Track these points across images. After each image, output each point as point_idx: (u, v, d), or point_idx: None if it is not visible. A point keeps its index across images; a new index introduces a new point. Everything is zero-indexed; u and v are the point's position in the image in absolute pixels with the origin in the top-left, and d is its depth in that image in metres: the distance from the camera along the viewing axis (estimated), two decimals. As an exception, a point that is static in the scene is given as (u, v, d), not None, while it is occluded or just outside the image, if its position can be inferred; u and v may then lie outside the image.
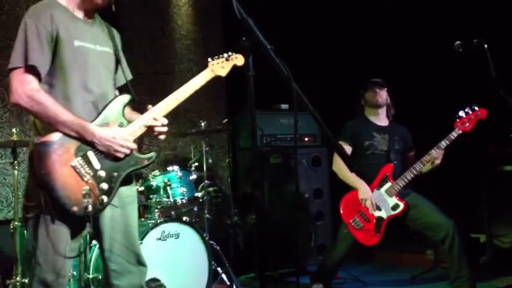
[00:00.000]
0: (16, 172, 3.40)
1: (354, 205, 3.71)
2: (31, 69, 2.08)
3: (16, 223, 3.36)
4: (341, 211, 3.73)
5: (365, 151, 3.84)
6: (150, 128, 2.27)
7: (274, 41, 1.82)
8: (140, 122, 2.25)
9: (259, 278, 1.82)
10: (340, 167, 3.81)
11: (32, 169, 2.06)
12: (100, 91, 2.24)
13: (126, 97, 2.28)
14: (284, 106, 5.09)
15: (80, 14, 2.25)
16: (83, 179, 2.08)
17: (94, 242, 3.32)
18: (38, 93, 2.07)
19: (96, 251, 3.35)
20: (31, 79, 2.08)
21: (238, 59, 2.51)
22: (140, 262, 2.30)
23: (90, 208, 2.06)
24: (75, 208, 2.05)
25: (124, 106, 2.26)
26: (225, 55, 2.49)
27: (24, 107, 2.08)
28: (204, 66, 2.48)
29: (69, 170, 2.06)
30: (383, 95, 3.89)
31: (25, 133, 4.11)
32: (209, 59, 2.48)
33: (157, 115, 2.27)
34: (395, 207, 3.67)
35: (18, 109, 4.13)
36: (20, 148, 3.72)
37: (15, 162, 3.39)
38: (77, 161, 2.09)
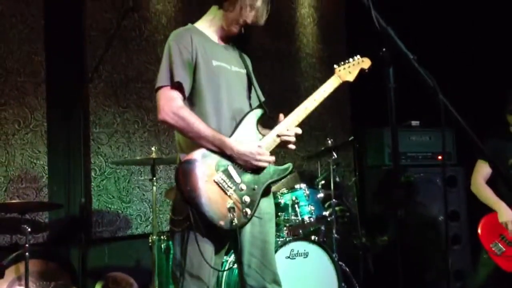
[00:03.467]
0: (154, 188, 3.58)
1: (494, 228, 3.41)
2: (177, 86, 2.19)
3: (154, 237, 3.53)
4: (480, 235, 3.44)
5: (510, 169, 3.51)
6: (283, 140, 2.29)
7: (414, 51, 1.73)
8: (274, 134, 2.28)
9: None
10: (479, 187, 3.54)
11: (178, 186, 2.13)
12: (238, 107, 2.31)
13: (259, 111, 2.33)
14: (415, 122, 4.87)
15: (215, 39, 2.37)
16: (226, 194, 2.14)
17: (225, 257, 3.38)
18: (182, 110, 2.17)
19: (227, 267, 3.41)
20: (176, 96, 2.19)
21: (365, 62, 2.49)
22: (276, 281, 2.29)
23: (235, 221, 2.10)
24: (222, 222, 2.10)
25: (258, 120, 2.31)
26: (351, 59, 2.48)
27: (171, 124, 2.18)
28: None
29: (213, 186, 2.13)
30: None
31: (162, 152, 4.36)
32: (335, 66, 2.49)
33: (289, 126, 2.30)
34: (543, 232, 3.32)
35: (156, 129, 4.40)
36: (158, 166, 3.94)
37: (154, 178, 3.58)
38: (219, 176, 2.15)
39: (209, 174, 2.14)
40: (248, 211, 2.16)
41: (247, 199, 2.17)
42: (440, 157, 4.77)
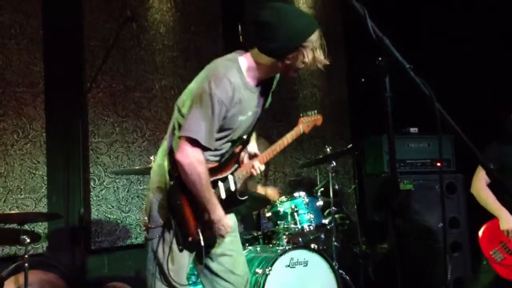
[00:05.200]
0: (153, 197, 3.57)
1: (495, 235, 3.39)
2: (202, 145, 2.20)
3: (154, 246, 3.53)
4: (480, 241, 3.42)
5: None
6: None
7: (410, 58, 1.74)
8: (247, 167, 2.48)
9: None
10: (480, 191, 3.50)
11: (169, 198, 2.26)
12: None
13: (245, 141, 2.46)
14: (413, 129, 4.87)
15: (252, 82, 2.28)
16: (200, 216, 2.31)
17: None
18: (202, 165, 2.21)
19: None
20: (200, 150, 2.21)
21: (319, 120, 2.90)
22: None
23: (202, 241, 2.27)
24: (190, 239, 2.26)
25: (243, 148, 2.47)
26: (310, 114, 2.87)
27: (183, 169, 2.19)
28: (326, 91, 2.55)
29: (193, 207, 2.29)
30: None
31: (161, 161, 4.35)
32: (301, 116, 2.88)
33: (259, 162, 2.52)
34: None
35: (155, 138, 4.41)
36: (157, 175, 3.94)
37: (153, 188, 3.58)
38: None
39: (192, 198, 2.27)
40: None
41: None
42: (439, 164, 4.76)
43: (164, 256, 2.27)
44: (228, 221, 2.35)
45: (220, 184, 2.36)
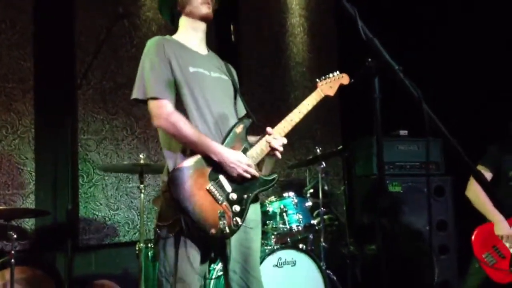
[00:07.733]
0: (142, 195, 3.56)
1: (488, 238, 3.39)
2: (157, 98, 2.21)
3: (141, 244, 3.51)
4: (473, 244, 3.43)
5: (509, 181, 3.49)
6: (272, 147, 2.31)
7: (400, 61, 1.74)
8: (262, 144, 2.32)
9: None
10: (476, 193, 3.49)
11: (171, 194, 2.12)
12: (220, 112, 2.32)
13: (247, 121, 2.36)
14: (403, 132, 4.89)
15: (195, 48, 2.40)
16: (217, 202, 2.16)
17: (213, 265, 3.37)
18: (172, 115, 2.20)
19: (214, 275, 3.40)
20: (165, 102, 2.22)
21: (344, 78, 2.59)
22: None
23: (226, 230, 2.13)
24: (213, 231, 2.12)
25: (247, 130, 2.33)
26: (331, 75, 2.57)
27: (164, 129, 2.23)
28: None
29: (205, 194, 2.15)
30: None
31: (151, 159, 4.35)
32: (317, 80, 2.56)
33: (276, 135, 2.33)
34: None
35: (145, 136, 4.39)
36: (146, 173, 3.93)
37: (142, 186, 3.57)
38: (212, 185, 2.17)
39: (201, 182, 2.15)
40: (238, 220, 2.19)
41: (237, 208, 2.20)
42: (430, 166, 4.78)
43: (176, 255, 2.15)
44: (242, 156, 2.22)
45: (221, 177, 2.22)
